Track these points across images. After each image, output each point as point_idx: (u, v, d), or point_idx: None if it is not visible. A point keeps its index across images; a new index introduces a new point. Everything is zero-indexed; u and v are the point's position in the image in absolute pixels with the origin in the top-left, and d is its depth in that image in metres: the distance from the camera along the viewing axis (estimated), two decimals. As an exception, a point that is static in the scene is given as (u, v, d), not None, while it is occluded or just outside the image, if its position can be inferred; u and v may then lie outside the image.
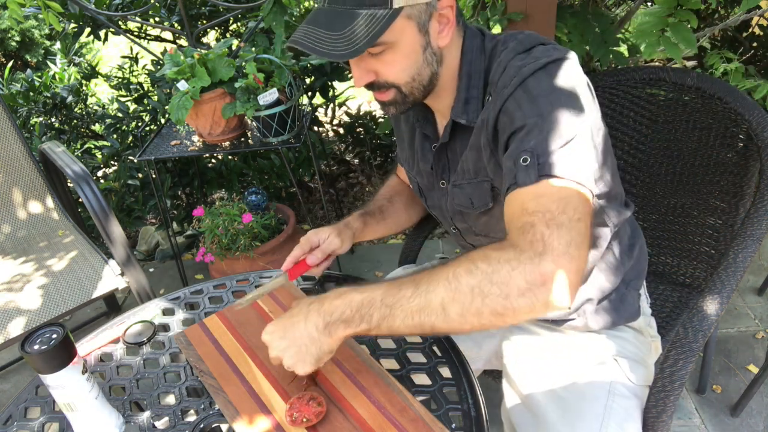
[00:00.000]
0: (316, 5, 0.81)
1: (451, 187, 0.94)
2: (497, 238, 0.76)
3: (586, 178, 0.68)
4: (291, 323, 0.74)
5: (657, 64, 2.31)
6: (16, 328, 1.44)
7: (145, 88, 2.57)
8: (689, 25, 1.40)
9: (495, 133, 0.79)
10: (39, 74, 2.55)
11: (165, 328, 1.00)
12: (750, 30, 2.19)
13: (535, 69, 0.74)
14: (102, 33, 2.28)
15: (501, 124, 0.76)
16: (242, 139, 1.87)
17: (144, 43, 2.48)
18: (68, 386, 0.73)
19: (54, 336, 0.71)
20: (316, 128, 2.64)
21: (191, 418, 0.81)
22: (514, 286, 0.62)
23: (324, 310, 0.72)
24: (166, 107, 1.70)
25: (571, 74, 0.75)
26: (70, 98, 2.53)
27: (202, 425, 0.80)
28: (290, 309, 0.77)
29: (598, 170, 0.74)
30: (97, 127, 2.70)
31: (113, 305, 2.13)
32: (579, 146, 0.69)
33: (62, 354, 0.71)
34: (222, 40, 1.88)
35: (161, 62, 2.21)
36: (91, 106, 2.73)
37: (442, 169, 0.96)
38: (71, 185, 1.96)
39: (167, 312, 1.04)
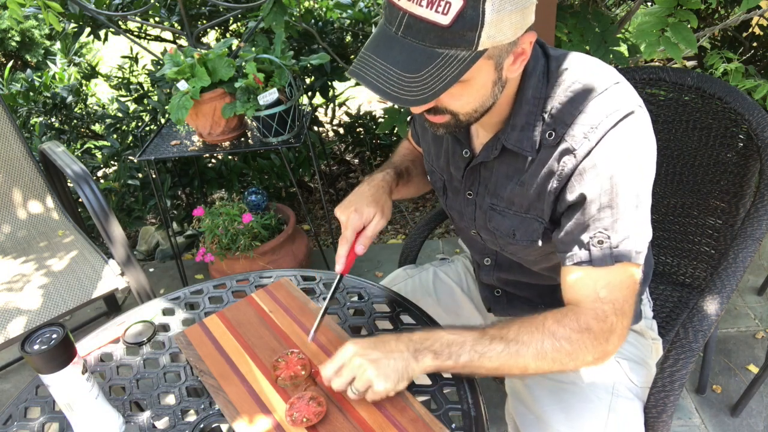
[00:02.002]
0: (383, 24, 0.70)
1: (489, 209, 0.89)
2: (524, 261, 0.93)
3: (644, 254, 0.76)
4: (381, 341, 0.78)
5: (657, 64, 2.31)
6: (16, 328, 1.44)
7: (145, 88, 2.57)
8: (689, 25, 1.40)
9: (566, 183, 0.77)
10: (39, 74, 2.55)
11: (165, 328, 1.00)
12: (750, 30, 2.19)
13: (610, 127, 0.72)
14: (102, 33, 2.28)
15: (572, 184, 0.76)
16: (242, 139, 1.87)
17: (144, 43, 2.48)
18: (68, 386, 0.73)
19: (54, 336, 0.71)
20: (316, 128, 2.64)
21: (191, 418, 0.81)
22: (584, 361, 0.77)
23: (414, 339, 0.78)
24: (166, 107, 1.70)
25: (644, 133, 0.75)
26: (70, 98, 2.53)
27: (202, 425, 0.80)
28: (377, 336, 0.80)
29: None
30: (97, 127, 2.70)
31: (113, 305, 2.13)
32: (643, 221, 0.76)
33: (62, 354, 0.71)
34: (222, 40, 1.88)
35: (161, 62, 2.21)
36: (91, 106, 2.73)
37: (472, 182, 0.91)
38: (71, 185, 1.96)
39: (167, 312, 1.04)
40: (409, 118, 1.11)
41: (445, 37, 0.65)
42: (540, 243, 0.86)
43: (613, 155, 0.73)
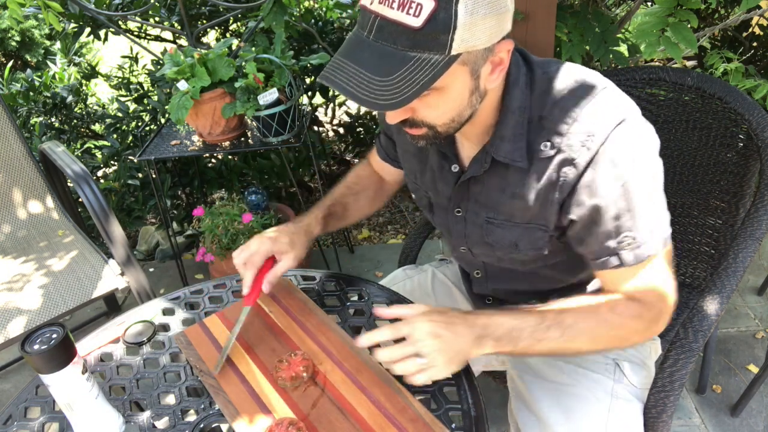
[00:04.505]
0: (356, 30, 0.69)
1: (485, 224, 0.88)
2: (520, 265, 0.92)
3: (670, 234, 0.80)
4: (451, 323, 0.74)
5: (657, 64, 2.31)
6: (16, 328, 1.44)
7: (145, 88, 2.57)
8: (689, 25, 1.40)
9: (570, 193, 0.77)
10: (39, 74, 2.55)
11: (165, 328, 1.00)
12: (750, 30, 2.19)
13: (608, 133, 0.72)
14: (102, 33, 2.28)
15: (580, 196, 0.76)
16: (242, 138, 1.87)
17: (144, 43, 2.48)
18: (68, 386, 0.73)
19: (54, 336, 0.71)
20: (316, 128, 2.64)
21: (191, 418, 0.81)
22: (634, 343, 0.84)
23: (479, 324, 0.76)
24: (166, 107, 1.70)
25: (642, 132, 0.75)
26: (70, 98, 2.53)
27: (202, 425, 0.80)
28: (443, 312, 0.76)
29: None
30: (97, 127, 2.70)
31: (113, 305, 2.13)
32: (662, 208, 0.78)
33: (62, 354, 0.71)
34: (222, 40, 1.88)
35: (161, 62, 2.21)
36: (91, 106, 2.72)
37: (461, 198, 0.89)
38: (71, 185, 1.96)
39: (167, 312, 1.04)
40: (378, 132, 1.11)
41: (417, 40, 0.64)
42: (546, 251, 0.85)
43: (618, 159, 0.73)
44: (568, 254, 0.87)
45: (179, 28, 2.22)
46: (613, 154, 0.72)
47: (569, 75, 0.77)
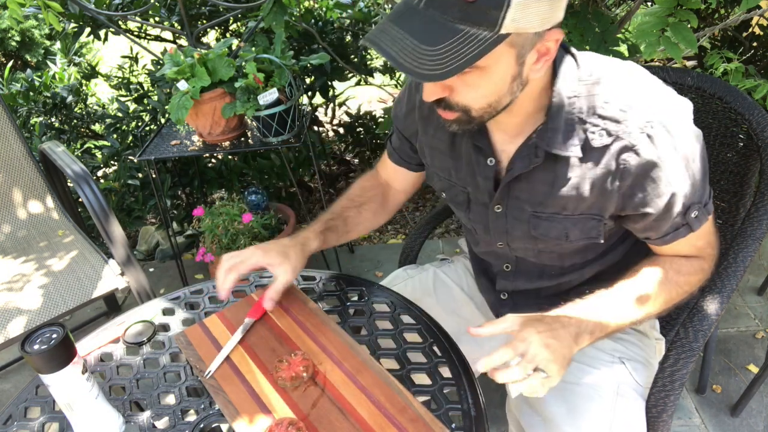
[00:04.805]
0: None
1: (531, 218, 0.87)
2: (557, 256, 0.93)
3: None
4: (554, 329, 0.76)
5: (657, 64, 2.31)
6: (16, 328, 1.44)
7: (145, 88, 2.57)
8: (689, 25, 1.40)
9: (635, 181, 0.77)
10: (39, 74, 2.55)
11: (165, 328, 1.00)
12: (750, 30, 2.19)
13: (666, 117, 0.75)
14: (102, 33, 2.28)
15: (649, 183, 0.77)
16: (242, 138, 1.87)
17: (144, 43, 2.48)
18: (68, 386, 0.73)
19: (54, 336, 0.71)
20: (316, 128, 2.64)
21: (191, 418, 0.81)
22: (694, 293, 0.88)
23: (573, 323, 0.78)
24: (166, 107, 1.70)
25: (690, 121, 0.78)
26: (70, 98, 2.53)
27: (202, 425, 0.80)
28: (540, 319, 0.77)
29: None
30: (97, 127, 2.70)
31: (113, 305, 2.13)
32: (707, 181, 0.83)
33: (62, 354, 0.71)
34: (222, 40, 1.88)
35: (161, 62, 2.21)
36: (91, 106, 2.72)
37: (502, 195, 0.87)
38: (71, 185, 1.96)
39: (167, 312, 1.04)
40: (390, 136, 1.08)
41: (468, 12, 0.63)
42: (602, 240, 0.86)
43: (679, 141, 0.75)
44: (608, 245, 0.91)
45: (179, 28, 2.22)
46: (675, 135, 0.74)
47: (614, 65, 0.78)
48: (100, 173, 2.68)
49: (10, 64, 3.23)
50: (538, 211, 0.85)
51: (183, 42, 2.53)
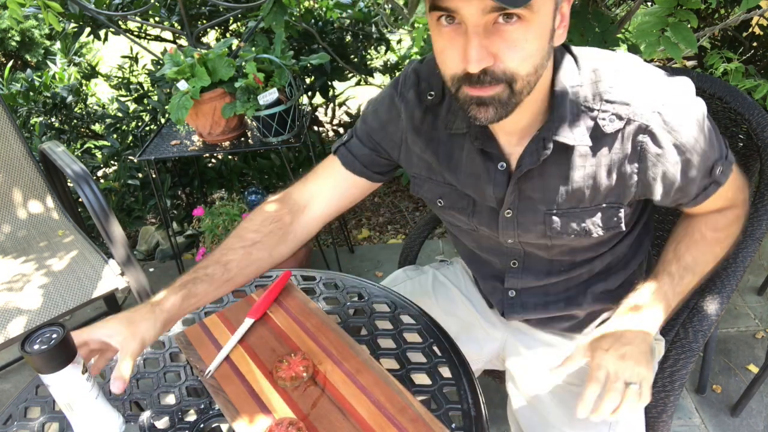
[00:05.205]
0: None
1: (546, 216, 0.84)
2: (569, 250, 0.91)
3: None
4: (618, 335, 0.78)
5: (657, 64, 2.31)
6: (16, 328, 1.44)
7: (145, 88, 2.57)
8: (689, 25, 1.40)
9: (651, 162, 0.77)
10: (39, 74, 2.55)
11: (165, 328, 1.00)
12: (750, 30, 2.19)
13: (675, 93, 0.76)
14: (102, 33, 2.28)
15: (667, 157, 0.77)
16: (242, 138, 1.87)
17: (144, 43, 2.48)
18: (68, 386, 0.73)
19: (54, 336, 0.71)
20: (316, 128, 2.64)
21: (191, 418, 0.81)
22: (738, 237, 0.92)
23: (634, 318, 0.81)
24: (166, 107, 1.70)
25: (693, 92, 0.79)
26: (70, 98, 2.53)
27: (202, 425, 0.80)
28: (604, 336, 0.80)
29: None
30: (97, 127, 2.70)
31: (113, 305, 2.13)
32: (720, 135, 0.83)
33: (62, 354, 0.71)
34: (222, 40, 1.88)
35: (161, 62, 2.21)
36: (91, 106, 2.73)
37: (512, 198, 0.84)
38: (71, 185, 1.96)
39: (167, 312, 1.04)
40: (345, 143, 0.99)
41: None
42: (623, 226, 0.84)
43: (689, 110, 0.76)
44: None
45: (179, 28, 2.22)
46: (684, 106, 0.75)
47: (610, 55, 0.79)
48: (100, 173, 2.68)
49: (10, 64, 3.23)
50: (552, 209, 0.83)
51: (183, 42, 2.54)
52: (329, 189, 0.98)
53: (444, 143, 0.88)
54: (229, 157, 2.54)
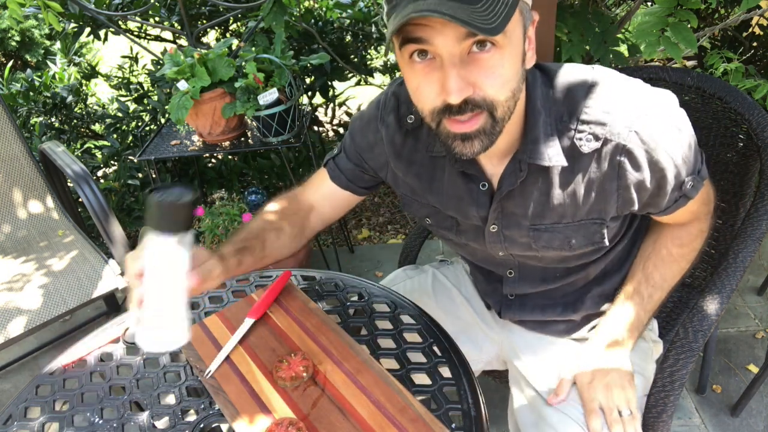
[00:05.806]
0: None
1: (531, 231, 0.85)
2: (560, 260, 0.92)
3: None
4: (598, 365, 0.89)
5: (657, 64, 2.31)
6: (16, 328, 1.44)
7: (145, 88, 2.57)
8: (689, 25, 1.40)
9: (632, 180, 0.77)
10: (39, 74, 2.55)
11: (165, 328, 1.00)
12: (750, 30, 2.19)
13: (649, 109, 0.75)
14: (102, 33, 2.28)
15: (643, 173, 0.77)
16: (242, 138, 1.87)
17: (144, 43, 2.48)
18: (174, 257, 0.66)
19: (186, 196, 0.64)
20: (316, 128, 2.64)
21: (191, 418, 0.81)
22: (700, 251, 0.95)
23: (608, 342, 0.90)
24: (166, 107, 1.70)
25: (673, 106, 0.79)
26: (70, 98, 2.53)
27: (202, 425, 0.80)
28: (584, 367, 0.90)
29: None
30: (97, 127, 2.70)
31: (113, 305, 2.13)
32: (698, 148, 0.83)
33: (188, 217, 0.64)
34: (222, 40, 1.88)
35: (161, 62, 2.21)
36: (91, 105, 2.73)
37: (495, 216, 0.86)
38: (71, 185, 1.96)
39: (167, 312, 1.04)
40: (333, 157, 1.03)
41: None
42: (607, 242, 0.86)
43: (667, 128, 0.75)
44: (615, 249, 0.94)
45: (179, 28, 2.22)
46: (659, 120, 0.75)
47: (586, 71, 0.78)
48: (100, 173, 2.68)
49: (10, 64, 3.23)
50: (536, 224, 0.84)
51: (183, 42, 2.53)
52: (322, 198, 1.03)
53: (425, 166, 0.89)
54: (229, 157, 2.54)
